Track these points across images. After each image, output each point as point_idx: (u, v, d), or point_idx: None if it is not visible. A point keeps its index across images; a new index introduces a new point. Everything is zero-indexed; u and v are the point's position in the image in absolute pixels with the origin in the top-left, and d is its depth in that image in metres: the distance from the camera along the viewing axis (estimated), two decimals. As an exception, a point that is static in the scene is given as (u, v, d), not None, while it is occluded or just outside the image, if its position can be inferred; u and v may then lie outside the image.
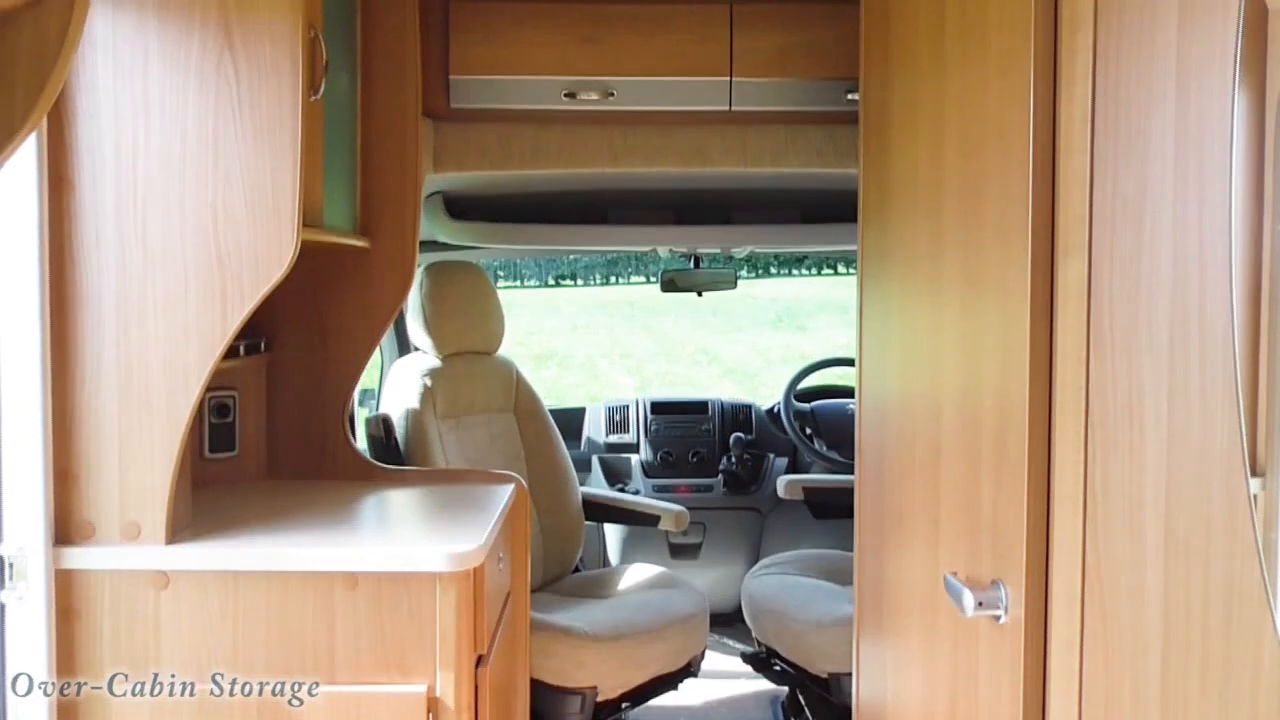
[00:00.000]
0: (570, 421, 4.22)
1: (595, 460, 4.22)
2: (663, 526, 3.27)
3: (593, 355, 15.55)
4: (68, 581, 1.73)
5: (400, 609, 1.76)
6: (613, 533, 4.10)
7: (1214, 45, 0.99)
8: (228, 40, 1.70)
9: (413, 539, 1.94)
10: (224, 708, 1.75)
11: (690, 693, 3.36)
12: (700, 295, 3.99)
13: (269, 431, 2.34)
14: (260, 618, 1.75)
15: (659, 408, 4.31)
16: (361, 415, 3.16)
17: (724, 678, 3.66)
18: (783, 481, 3.53)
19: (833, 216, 3.27)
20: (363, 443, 2.89)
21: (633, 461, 4.23)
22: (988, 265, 1.40)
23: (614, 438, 4.29)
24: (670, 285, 3.89)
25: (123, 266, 1.72)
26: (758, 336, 16.83)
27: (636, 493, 4.04)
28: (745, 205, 3.33)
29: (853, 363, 2.24)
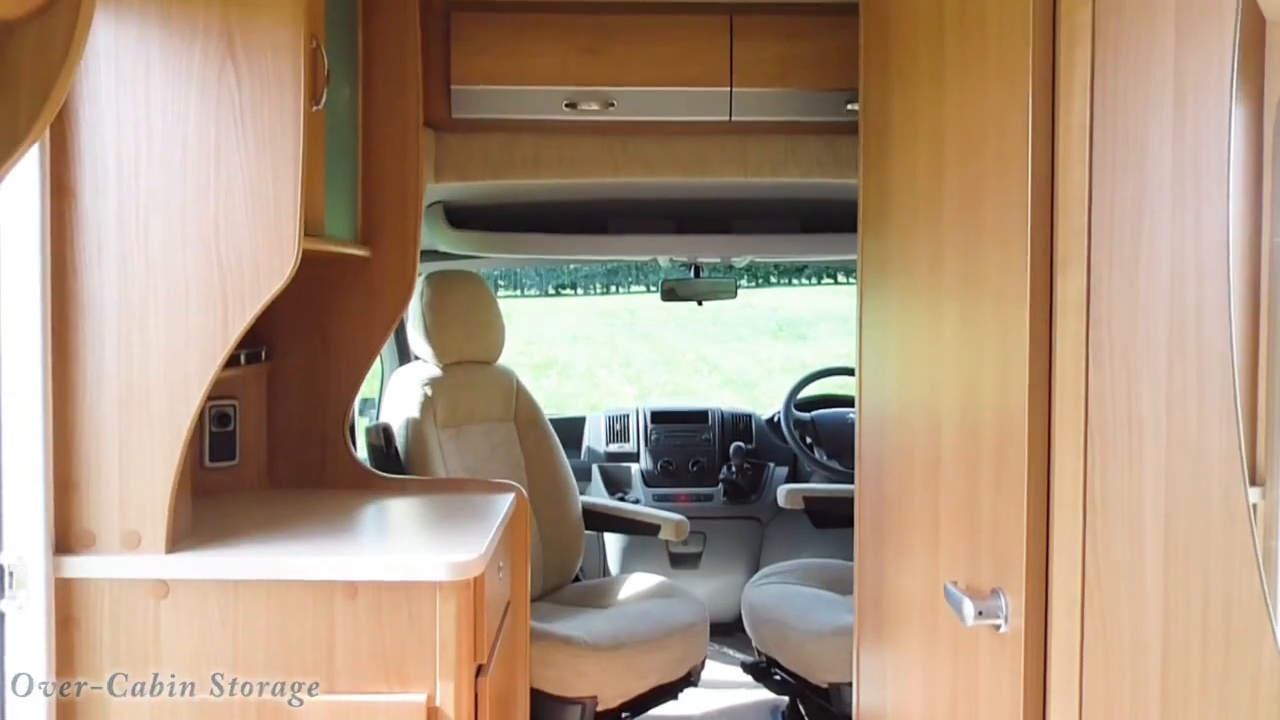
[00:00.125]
0: (570, 431, 4.22)
1: (595, 469, 4.21)
2: (663, 536, 3.26)
3: (593, 364, 15.54)
4: (68, 590, 1.73)
5: (400, 618, 1.76)
6: (613, 542, 4.10)
7: (1211, 56, 1.00)
8: (230, 50, 1.70)
9: (413, 548, 1.93)
10: (224, 709, 1.75)
11: (690, 702, 3.36)
12: (700, 304, 3.99)
13: (269, 440, 2.34)
14: (260, 627, 1.75)
15: (659, 417, 4.31)
16: (362, 424, 3.16)
17: (724, 687, 3.65)
18: (783, 491, 3.52)
19: (833, 226, 3.28)
20: (363, 452, 2.89)
21: (633, 471, 4.22)
22: (987, 275, 1.40)
23: (614, 447, 4.29)
24: (670, 294, 3.90)
25: (124, 275, 1.72)
26: (758, 346, 16.83)
27: (637, 502, 4.04)
28: (745, 215, 3.33)
29: (853, 372, 2.24)
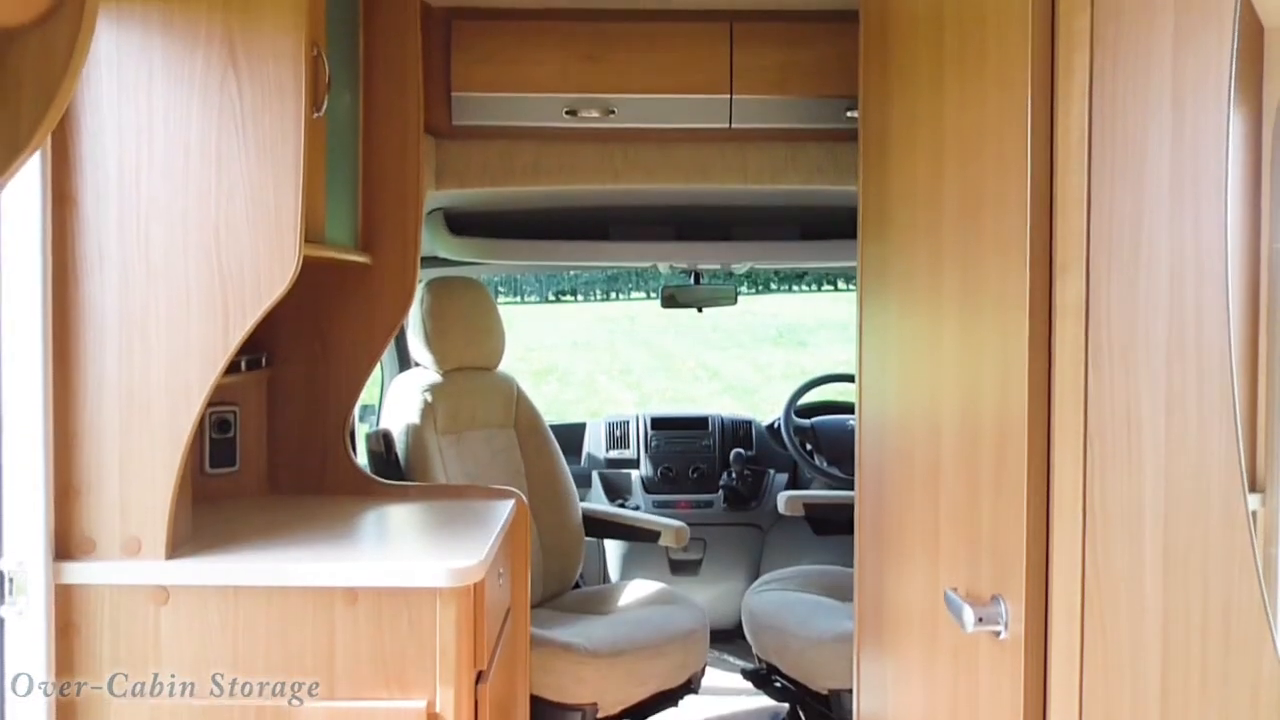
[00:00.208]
0: (571, 437, 4.22)
1: (595, 476, 4.21)
2: (663, 542, 3.26)
3: (593, 371, 15.55)
4: (67, 596, 1.73)
5: (400, 624, 1.76)
6: (613, 548, 4.09)
7: (1209, 62, 1.00)
8: (231, 58, 1.71)
9: (413, 554, 1.93)
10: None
11: (691, 709, 3.35)
12: (700, 311, 3.99)
13: (269, 447, 2.34)
14: (260, 633, 1.75)
15: (659, 423, 4.31)
16: (362, 430, 3.16)
17: (724, 694, 3.65)
18: (783, 498, 3.52)
19: (832, 233, 3.28)
20: (363, 458, 2.89)
21: (633, 477, 4.22)
22: (987, 281, 1.40)
23: (614, 453, 4.29)
24: (671, 301, 3.90)
25: (125, 283, 1.73)
26: (758, 352, 16.83)
27: (637, 508, 4.04)
28: (745, 221, 3.34)
29: (853, 378, 2.24)
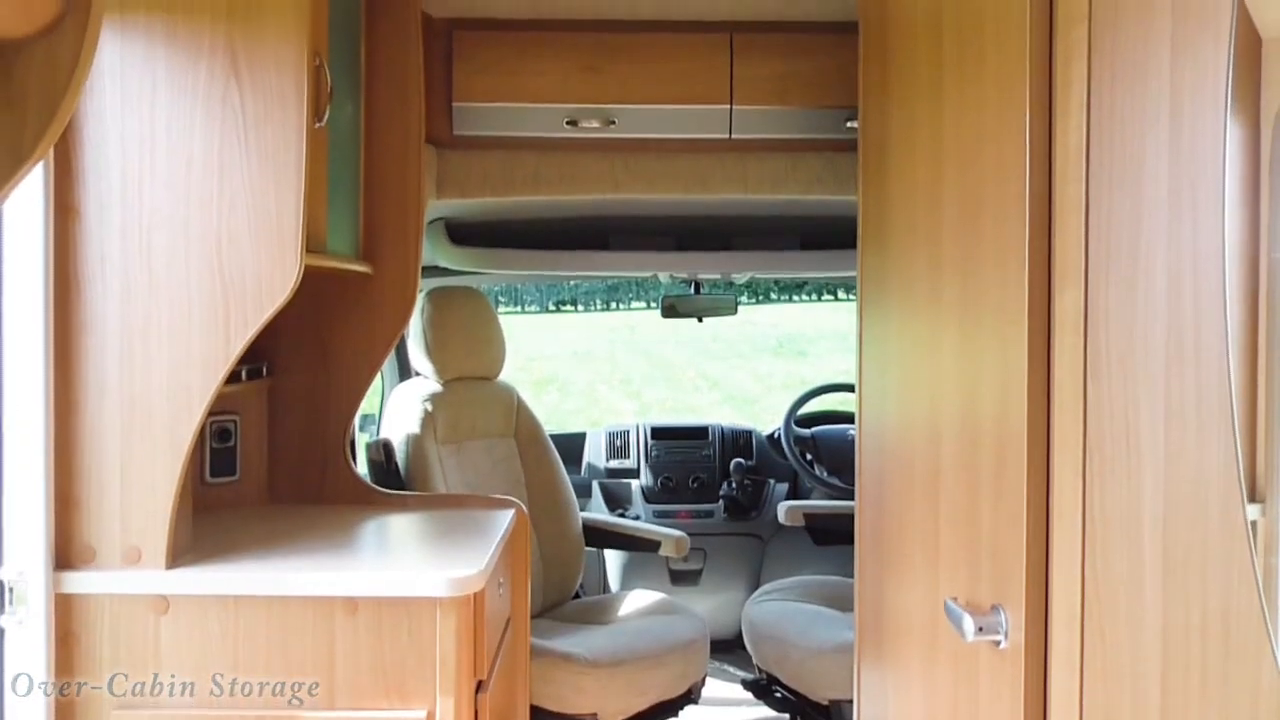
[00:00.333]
0: (571, 447, 4.22)
1: (596, 485, 4.21)
2: (663, 552, 3.26)
3: (593, 381, 15.55)
4: (68, 606, 1.73)
5: (400, 634, 1.76)
6: (613, 558, 4.09)
7: (1206, 72, 1.00)
8: (234, 68, 1.71)
9: (413, 564, 1.93)
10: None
11: (691, 720, 3.35)
12: (701, 321, 4.00)
13: (270, 456, 2.34)
14: (260, 642, 1.75)
15: (659, 433, 4.31)
16: (362, 440, 3.16)
17: (725, 704, 3.64)
18: (783, 508, 3.52)
19: (832, 243, 3.29)
20: (363, 467, 2.89)
21: (633, 487, 4.22)
22: (986, 291, 1.41)
23: (614, 463, 4.29)
24: (671, 311, 3.90)
25: (127, 292, 1.73)
26: (758, 362, 16.84)
27: (637, 518, 4.03)
28: (746, 231, 3.34)
29: (853, 388, 2.25)
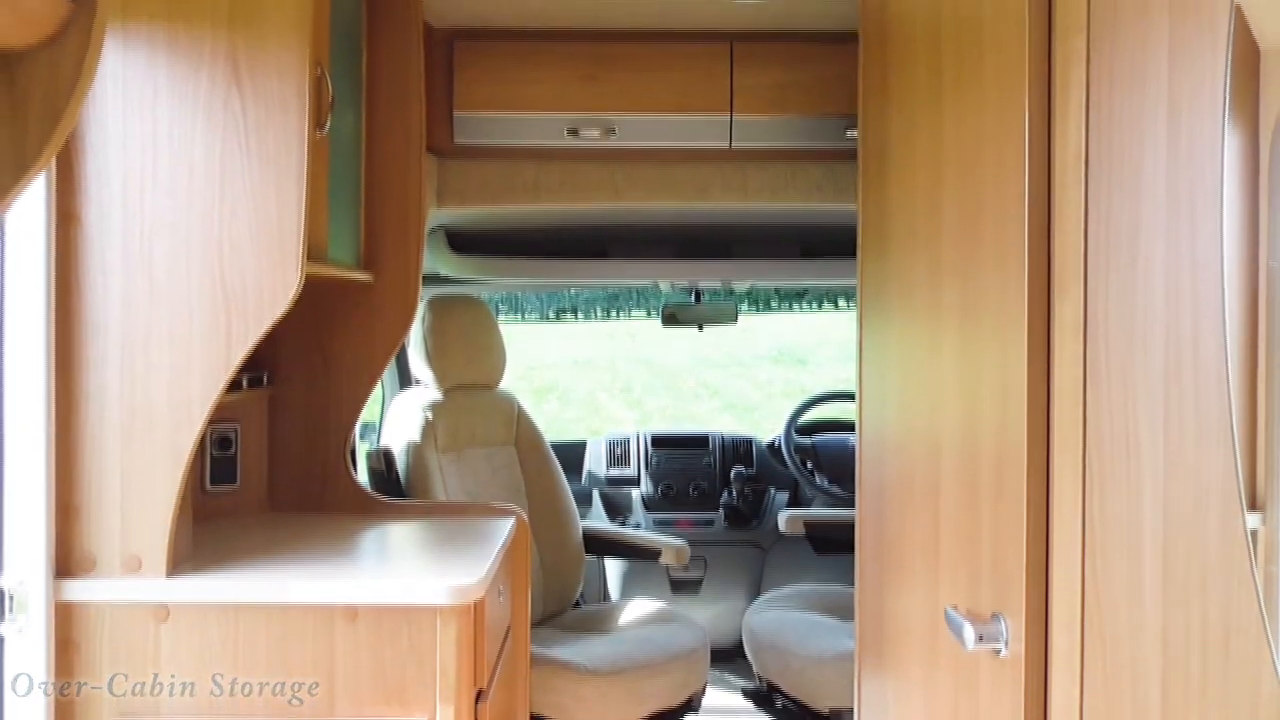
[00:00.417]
0: (571, 455, 4.22)
1: (596, 494, 4.21)
2: (664, 561, 3.26)
3: (593, 389, 15.55)
4: (68, 614, 1.73)
5: (400, 642, 1.75)
6: (613, 567, 4.08)
7: (1204, 80, 1.01)
8: (235, 77, 1.72)
9: (413, 572, 1.93)
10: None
11: (691, 729, 3.34)
12: (701, 329, 4.00)
13: (270, 464, 2.34)
14: (260, 650, 1.75)
15: (660, 442, 4.31)
16: (363, 448, 3.16)
17: (725, 714, 3.63)
18: (784, 516, 3.52)
19: (832, 251, 3.30)
20: (364, 476, 2.89)
21: (633, 495, 4.22)
22: (985, 298, 1.41)
23: (615, 471, 4.29)
24: (671, 319, 3.90)
25: (128, 300, 1.73)
26: (758, 371, 16.84)
27: (637, 526, 4.03)
28: (745, 240, 3.35)
29: (853, 397, 2.25)
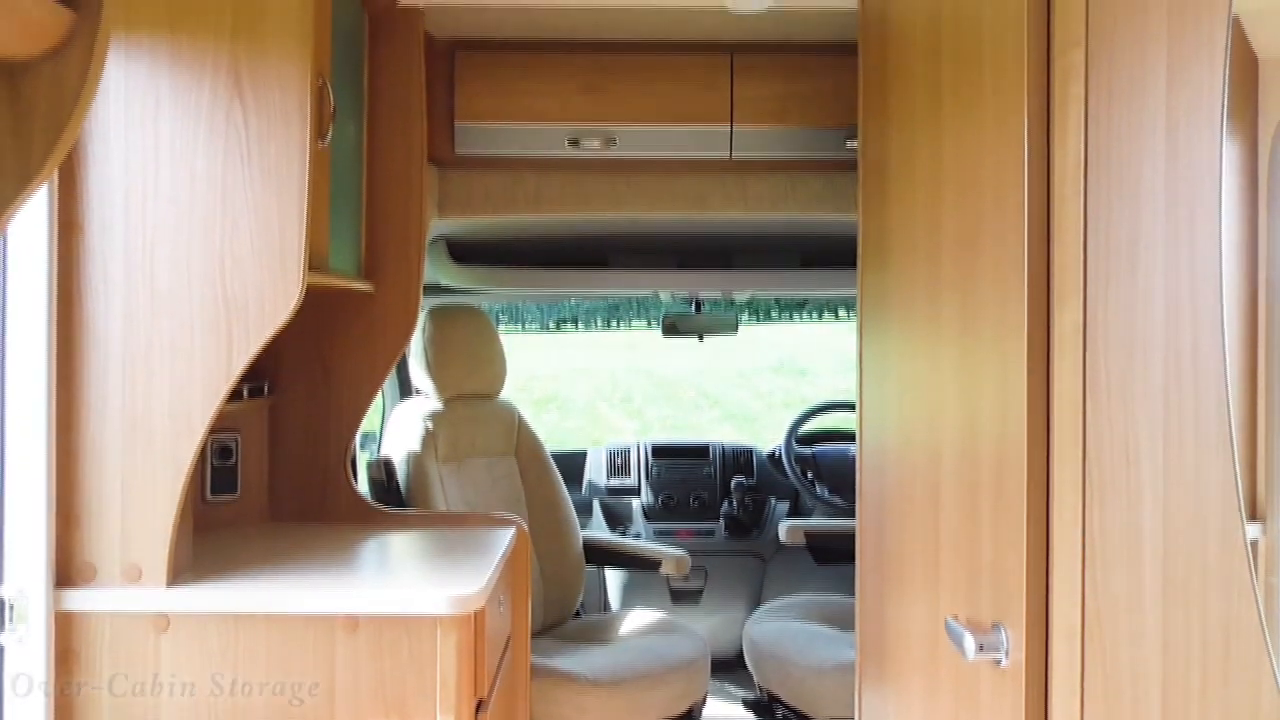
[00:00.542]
0: (571, 465, 4.22)
1: (596, 504, 4.20)
2: (664, 571, 3.25)
3: (594, 399, 15.55)
4: (68, 623, 1.73)
5: (400, 652, 1.75)
6: (614, 577, 4.08)
7: (1202, 92, 1.01)
8: (237, 88, 1.72)
9: (413, 582, 1.93)
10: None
11: (691, 740, 3.33)
12: (701, 339, 4.00)
13: (271, 474, 2.35)
14: (260, 660, 1.75)
15: (660, 452, 4.31)
16: (363, 458, 3.16)
17: (725, 724, 3.62)
18: (784, 526, 3.51)
19: (832, 262, 3.30)
20: (364, 486, 2.89)
21: (634, 505, 4.22)
22: (985, 311, 1.41)
23: (615, 481, 4.29)
24: (672, 329, 3.91)
25: (130, 310, 1.73)
26: (758, 381, 16.84)
27: (638, 536, 4.03)
28: (746, 250, 3.36)
29: (853, 407, 2.25)
